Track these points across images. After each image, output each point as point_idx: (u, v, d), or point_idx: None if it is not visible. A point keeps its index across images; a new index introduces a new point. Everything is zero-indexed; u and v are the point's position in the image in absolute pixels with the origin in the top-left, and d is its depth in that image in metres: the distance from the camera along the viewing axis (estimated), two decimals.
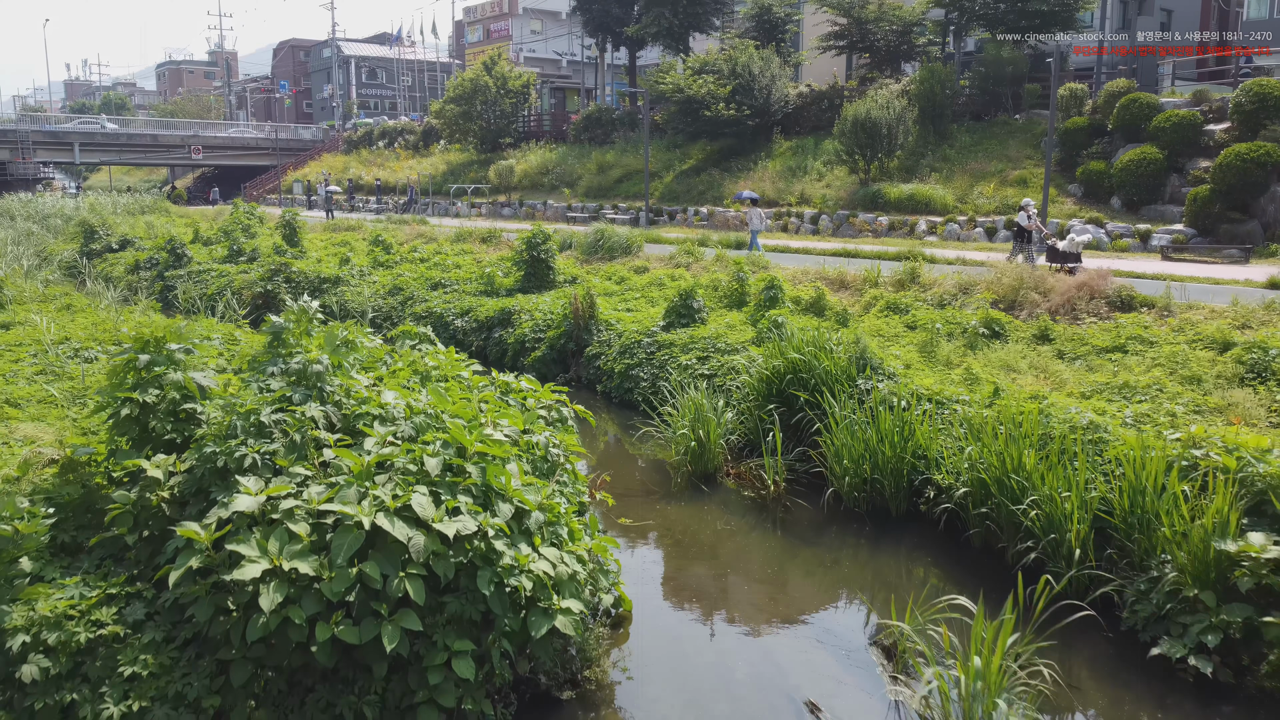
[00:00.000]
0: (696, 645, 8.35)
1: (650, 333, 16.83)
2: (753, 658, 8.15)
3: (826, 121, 35.85)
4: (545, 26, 76.77)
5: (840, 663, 8.01)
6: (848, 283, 19.55)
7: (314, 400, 7.12)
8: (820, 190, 31.52)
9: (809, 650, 8.27)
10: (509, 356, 19.22)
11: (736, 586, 9.71)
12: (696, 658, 8.13)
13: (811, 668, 7.96)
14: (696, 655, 8.17)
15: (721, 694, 7.57)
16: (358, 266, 26.69)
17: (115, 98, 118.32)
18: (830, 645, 8.33)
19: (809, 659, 8.12)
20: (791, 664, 8.04)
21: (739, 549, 10.51)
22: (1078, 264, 17.16)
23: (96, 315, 16.12)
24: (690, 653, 8.21)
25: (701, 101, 35.92)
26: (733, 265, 21.69)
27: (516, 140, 50.31)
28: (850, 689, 7.60)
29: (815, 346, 12.74)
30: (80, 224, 39.11)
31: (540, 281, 23.01)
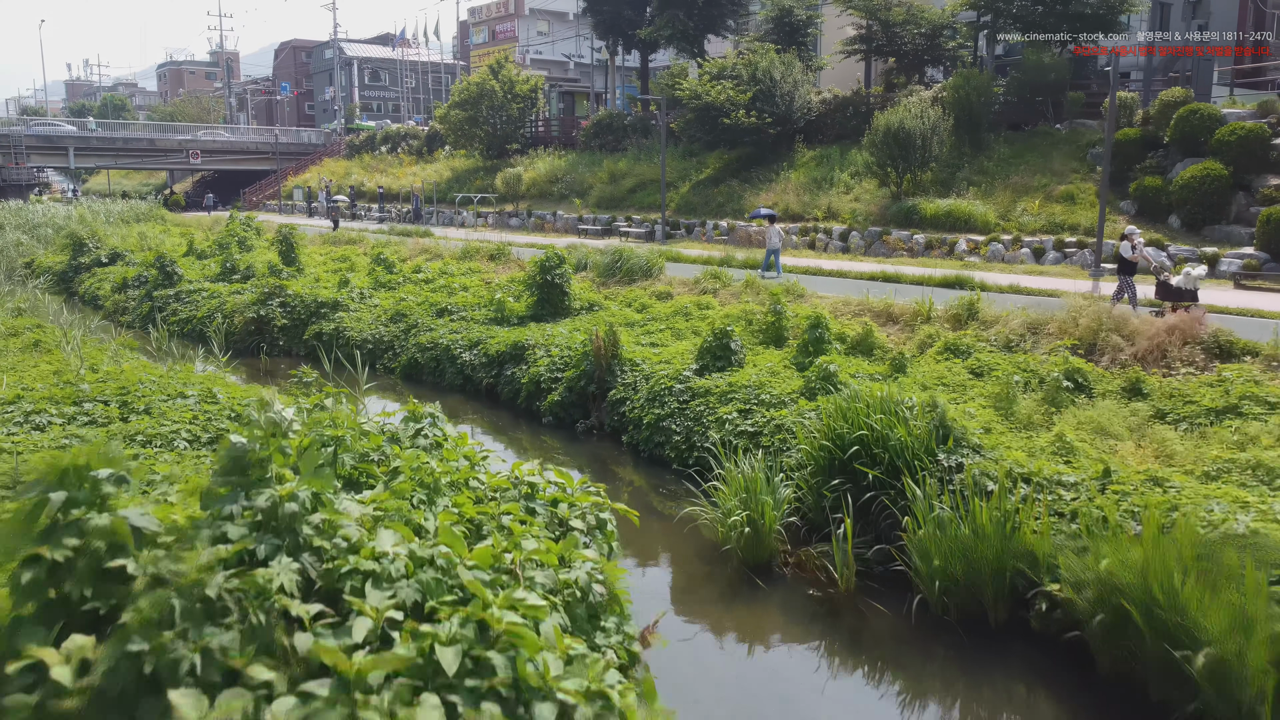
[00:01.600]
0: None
1: (682, 377, 15.04)
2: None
3: (852, 130, 34.06)
4: (552, 28, 74.98)
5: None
6: (895, 315, 17.75)
7: (285, 553, 5.33)
8: (848, 204, 29.72)
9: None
10: (523, 398, 17.45)
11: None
12: None
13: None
14: None
15: None
16: (358, 288, 24.93)
17: (115, 99, 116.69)
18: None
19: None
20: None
21: (810, 672, 8.71)
22: (1194, 303, 15.15)
23: (63, 359, 14.36)
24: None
25: (720, 108, 34.13)
26: (766, 294, 19.93)
27: (524, 146, 48.54)
28: None
29: (885, 413, 10.93)
30: (69, 236, 37.37)
31: (554, 308, 21.26)
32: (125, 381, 12.29)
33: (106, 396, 11.66)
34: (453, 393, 19.18)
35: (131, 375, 12.60)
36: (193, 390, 12.03)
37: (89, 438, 10.24)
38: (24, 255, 40.60)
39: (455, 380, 19.27)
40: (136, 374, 12.70)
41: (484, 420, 17.66)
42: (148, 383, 12.31)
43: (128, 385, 12.05)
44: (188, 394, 11.92)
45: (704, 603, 9.96)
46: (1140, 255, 16.54)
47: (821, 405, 12.77)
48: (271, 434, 5.89)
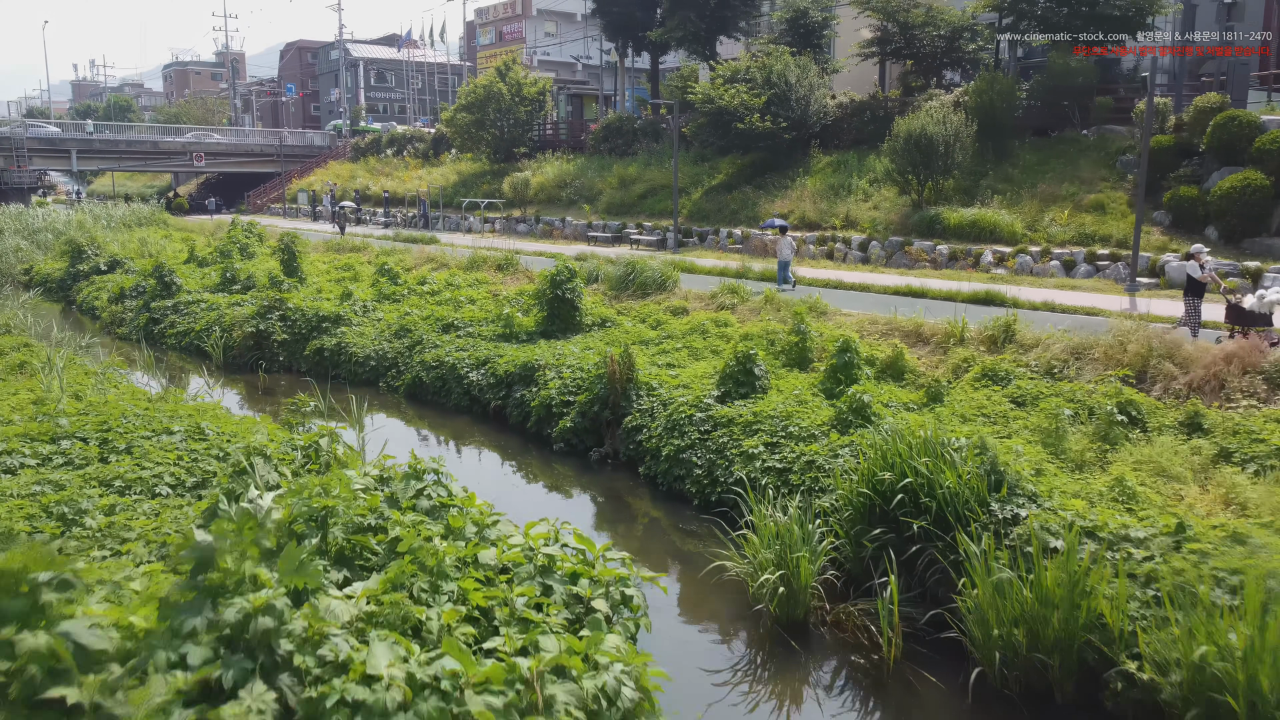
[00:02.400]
0: None
1: (703, 405, 14.12)
2: None
3: (869, 135, 33.10)
4: (560, 29, 74.10)
5: None
6: (926, 336, 16.81)
7: (260, 674, 4.44)
8: (867, 212, 28.77)
9: None
10: (532, 423, 16.55)
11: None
12: None
13: None
14: None
15: None
16: (361, 300, 24.06)
17: (120, 100, 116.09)
18: None
19: None
20: None
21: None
22: (1268, 328, 14.09)
23: (40, 387, 13.49)
24: None
25: (734, 113, 33.20)
26: (787, 311, 19.01)
27: (531, 150, 47.66)
28: None
29: (931, 455, 10.00)
30: (67, 243, 36.59)
31: (565, 323, 20.37)
32: (108, 414, 11.43)
33: (86, 433, 10.80)
34: (459, 414, 18.30)
35: (115, 408, 11.74)
36: (179, 425, 11.16)
37: (63, 482, 9.39)
38: (23, 261, 39.86)
39: (461, 401, 18.39)
40: (120, 406, 11.85)
41: (492, 444, 16.78)
42: (132, 416, 11.44)
43: (110, 420, 11.19)
44: (174, 429, 11.06)
45: (735, 671, 9.04)
46: (1209, 276, 15.50)
47: (858, 442, 11.87)
48: (245, 524, 4.99)
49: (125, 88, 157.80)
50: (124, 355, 24.85)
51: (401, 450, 15.04)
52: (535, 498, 14.13)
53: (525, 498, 14.08)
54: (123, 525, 8.45)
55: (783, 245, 23.18)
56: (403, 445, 16.54)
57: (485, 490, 14.22)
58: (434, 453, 16.27)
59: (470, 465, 15.76)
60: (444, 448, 16.59)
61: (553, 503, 13.91)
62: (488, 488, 14.34)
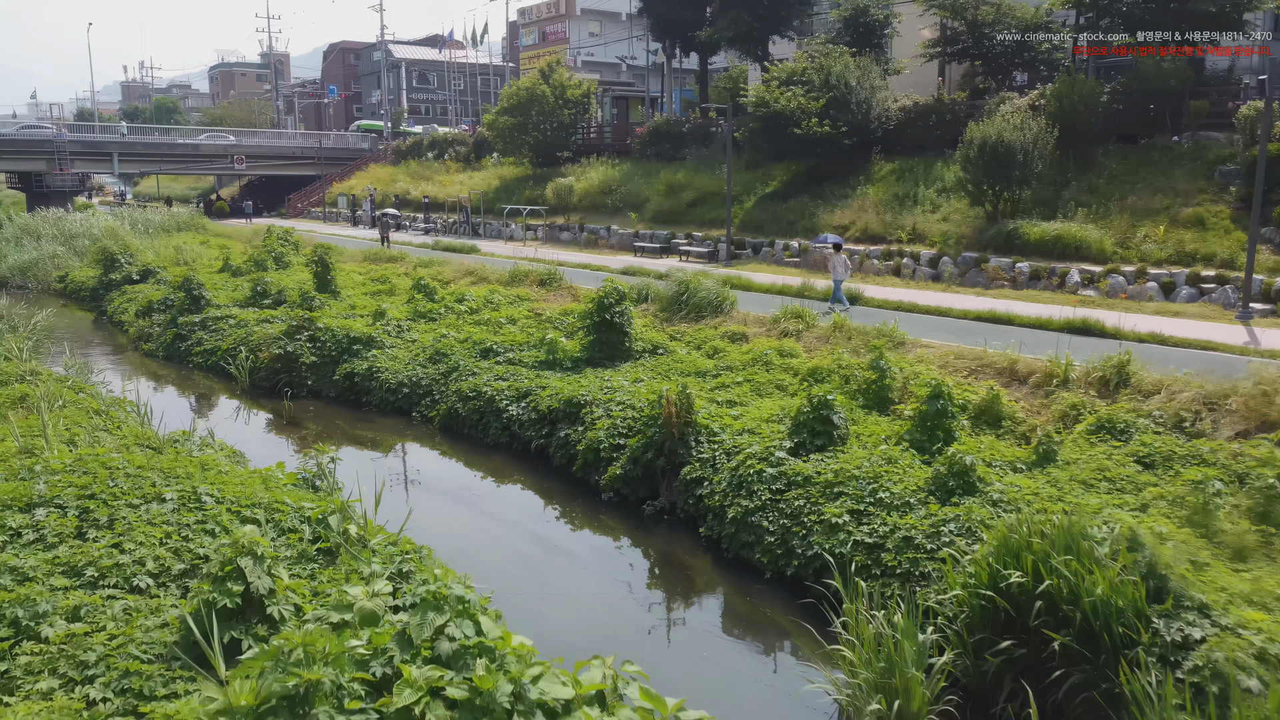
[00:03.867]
0: None
1: (774, 458, 12.34)
2: None
3: (935, 140, 31.04)
4: (605, 28, 72.51)
5: None
6: (1021, 373, 14.87)
7: None
8: (936, 225, 26.74)
9: None
10: (579, 467, 14.87)
11: None
12: None
13: None
14: None
15: None
16: (394, 320, 22.58)
17: (166, 101, 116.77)
18: None
19: None
20: None
21: None
22: None
23: (35, 428, 12.04)
24: None
25: (789, 117, 31.29)
26: (859, 339, 17.17)
27: (575, 154, 46.05)
28: None
29: (1070, 550, 8.15)
30: (100, 251, 35.66)
31: (613, 350, 18.69)
32: (95, 472, 9.91)
33: (66, 499, 9.29)
34: (497, 452, 16.69)
35: (105, 463, 10.23)
36: (173, 490, 9.61)
37: (28, 570, 7.89)
38: (59, 268, 39.13)
39: (500, 437, 16.77)
40: (112, 461, 10.33)
41: (533, 489, 15.14)
42: (121, 476, 9.93)
43: (96, 480, 9.67)
44: (166, 495, 9.52)
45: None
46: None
47: (965, 517, 10.01)
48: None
49: (173, 89, 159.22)
50: (150, 374, 23.66)
51: (430, 507, 13.34)
52: (582, 563, 12.45)
53: (569, 565, 12.40)
54: (84, 638, 6.91)
55: (837, 263, 21.37)
56: (433, 490, 14.95)
57: (523, 551, 12.59)
58: (468, 500, 14.67)
59: (509, 517, 14.12)
60: (478, 497, 14.96)
61: (601, 570, 12.22)
62: (526, 550, 12.69)
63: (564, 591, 11.60)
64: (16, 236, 43.97)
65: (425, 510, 14.08)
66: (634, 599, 11.44)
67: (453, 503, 14.62)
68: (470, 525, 13.62)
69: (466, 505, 14.48)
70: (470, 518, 13.92)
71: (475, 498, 14.78)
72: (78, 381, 16.64)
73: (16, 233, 44.54)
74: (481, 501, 14.63)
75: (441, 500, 14.74)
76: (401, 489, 15.27)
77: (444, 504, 14.55)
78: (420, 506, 14.33)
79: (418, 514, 13.97)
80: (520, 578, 11.80)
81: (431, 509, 14.23)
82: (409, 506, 13.98)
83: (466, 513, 14.09)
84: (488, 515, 14.07)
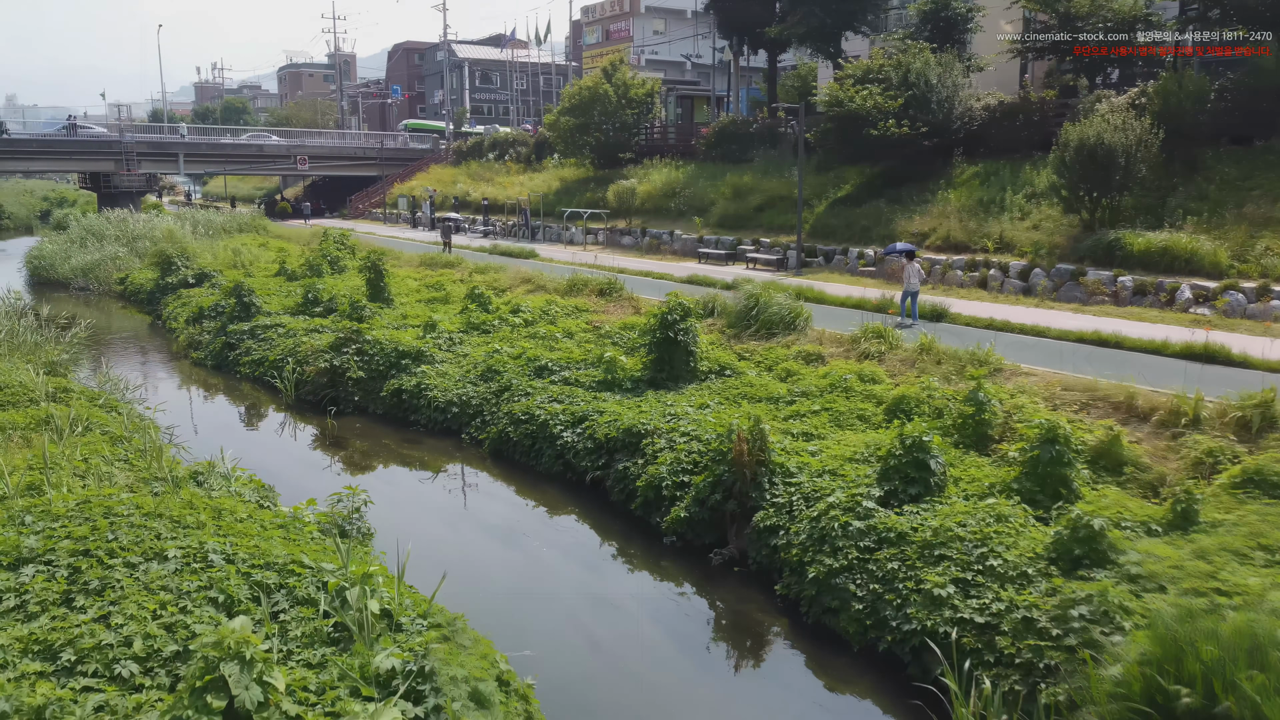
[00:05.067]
0: None
1: (861, 509, 10.79)
2: None
3: (1022, 142, 29.00)
4: (669, 26, 71.08)
5: None
6: (1139, 409, 13.09)
7: None
8: (1025, 234, 24.78)
9: None
10: (638, 504, 13.48)
11: None
12: None
13: None
14: None
15: None
16: (446, 332, 21.46)
17: (235, 102, 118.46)
18: None
19: None
20: None
21: None
22: None
23: (54, 453, 11.03)
24: None
25: (865, 117, 29.53)
26: (951, 363, 15.51)
27: (638, 156, 44.69)
28: None
29: (1251, 660, 6.51)
30: (157, 254, 35.33)
31: (676, 370, 17.28)
32: (96, 521, 8.80)
33: (57, 554, 8.18)
34: (550, 482, 15.38)
35: (109, 507, 9.11)
36: (177, 546, 8.44)
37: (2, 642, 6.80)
38: (120, 270, 39.00)
39: (554, 466, 15.45)
40: (118, 505, 9.22)
41: (587, 527, 13.81)
42: (124, 525, 8.80)
43: (95, 530, 8.56)
44: (169, 552, 8.36)
45: None
46: None
47: (1099, 599, 8.38)
48: None
49: (243, 90, 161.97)
50: (196, 384, 22.92)
51: (475, 548, 11.93)
52: (640, 622, 11.04)
53: (627, 625, 11.00)
54: None
55: (910, 274, 19.79)
56: (479, 526, 13.64)
57: (573, 608, 11.13)
58: (515, 540, 13.38)
59: (559, 563, 12.79)
60: (527, 537, 13.64)
61: (664, 632, 10.80)
62: (577, 606, 11.31)
63: (619, 658, 10.23)
64: (81, 237, 44.12)
65: (469, 553, 12.85)
66: (700, 669, 10.02)
67: (500, 543, 13.35)
68: (517, 572, 12.31)
69: (514, 546, 13.19)
70: (518, 563, 12.62)
71: (523, 537, 13.47)
72: (110, 399, 15.76)
73: (81, 234, 44.70)
74: (530, 541, 13.32)
75: (487, 540, 13.48)
76: (444, 524, 14.05)
77: (489, 545, 13.28)
78: (464, 547, 13.12)
79: (461, 555, 12.73)
80: (571, 641, 10.45)
81: (476, 551, 12.98)
82: (449, 551, 12.78)
83: (513, 557, 12.78)
84: (536, 560, 12.76)
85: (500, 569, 12.35)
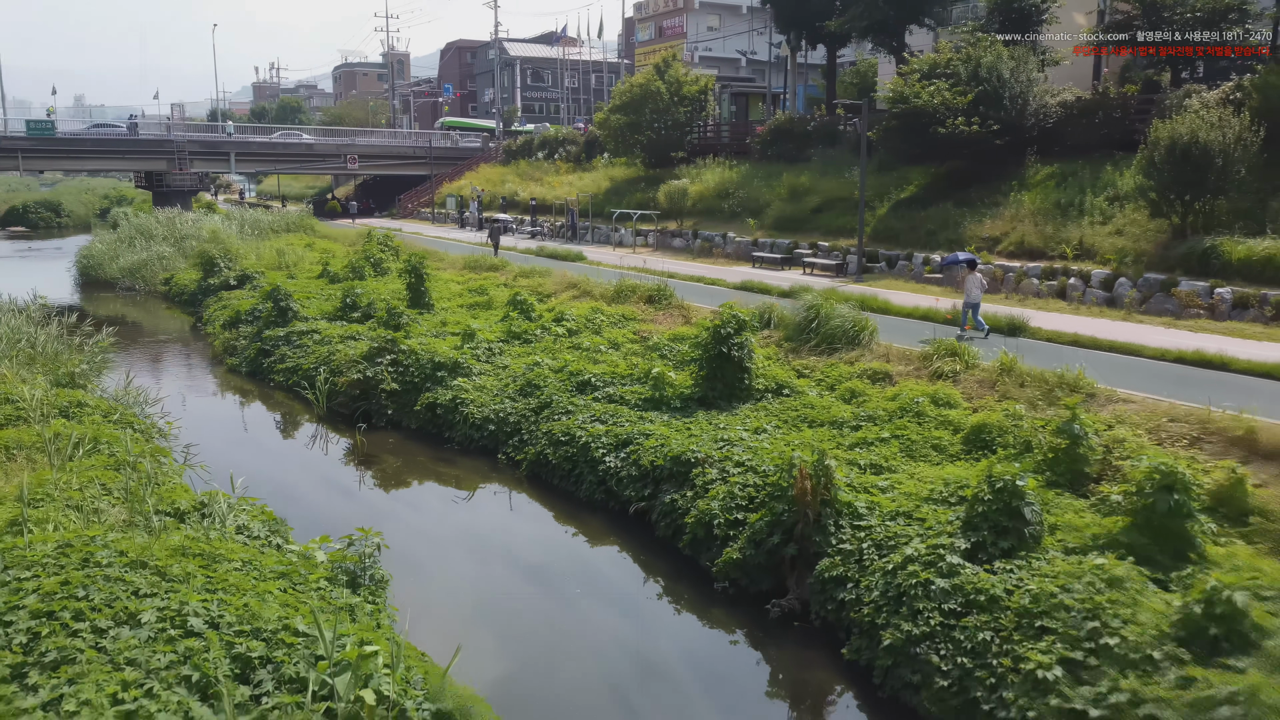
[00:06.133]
0: None
1: (945, 565, 9.35)
2: None
3: (1101, 140, 27.08)
4: (724, 22, 69.50)
5: None
6: (1260, 446, 11.44)
7: None
8: (1108, 239, 22.95)
9: None
10: (686, 543, 12.16)
11: None
12: None
13: None
14: None
15: None
16: (485, 342, 20.33)
17: (290, 101, 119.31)
18: None
19: None
20: None
21: None
22: None
23: (48, 487, 10.02)
24: None
25: (931, 114, 27.82)
26: (1035, 386, 13.93)
27: (690, 155, 43.29)
28: None
29: None
30: (199, 254, 34.83)
31: (730, 389, 15.92)
32: (70, 576, 7.71)
33: (19, 617, 7.11)
34: (590, 510, 14.14)
35: (89, 553, 8.05)
36: (152, 609, 7.32)
37: None
38: (166, 270, 38.66)
39: (595, 493, 14.20)
40: (100, 553, 8.15)
41: (630, 564, 12.56)
42: (100, 576, 7.72)
43: (65, 588, 7.48)
44: (143, 614, 7.25)
45: None
46: None
47: (1246, 698, 6.86)
48: None
49: (300, 89, 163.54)
50: (227, 393, 22.10)
51: (505, 589, 10.30)
52: (689, 687, 9.71)
53: (672, 693, 9.66)
54: None
55: (971, 284, 18.33)
56: (511, 563, 12.35)
57: (612, 666, 9.64)
58: (551, 580, 12.13)
59: (597, 610, 11.52)
60: (563, 577, 12.39)
61: (716, 701, 9.46)
62: (616, 663, 9.98)
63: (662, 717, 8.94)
64: (131, 237, 43.96)
65: (497, 598, 11.60)
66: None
67: (533, 584, 12.10)
68: (551, 623, 11.03)
69: (549, 590, 11.93)
70: (552, 612, 11.35)
71: (559, 579, 12.22)
72: (126, 413, 14.83)
73: (131, 233, 44.56)
74: (567, 582, 12.07)
75: (519, 581, 12.24)
76: (472, 559, 12.86)
77: (521, 587, 12.04)
78: (492, 591, 11.89)
79: (488, 602, 11.51)
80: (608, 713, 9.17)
81: (505, 595, 11.75)
82: (476, 595, 11.57)
83: (548, 606, 11.51)
84: (573, 609, 11.50)
85: (532, 619, 11.09)
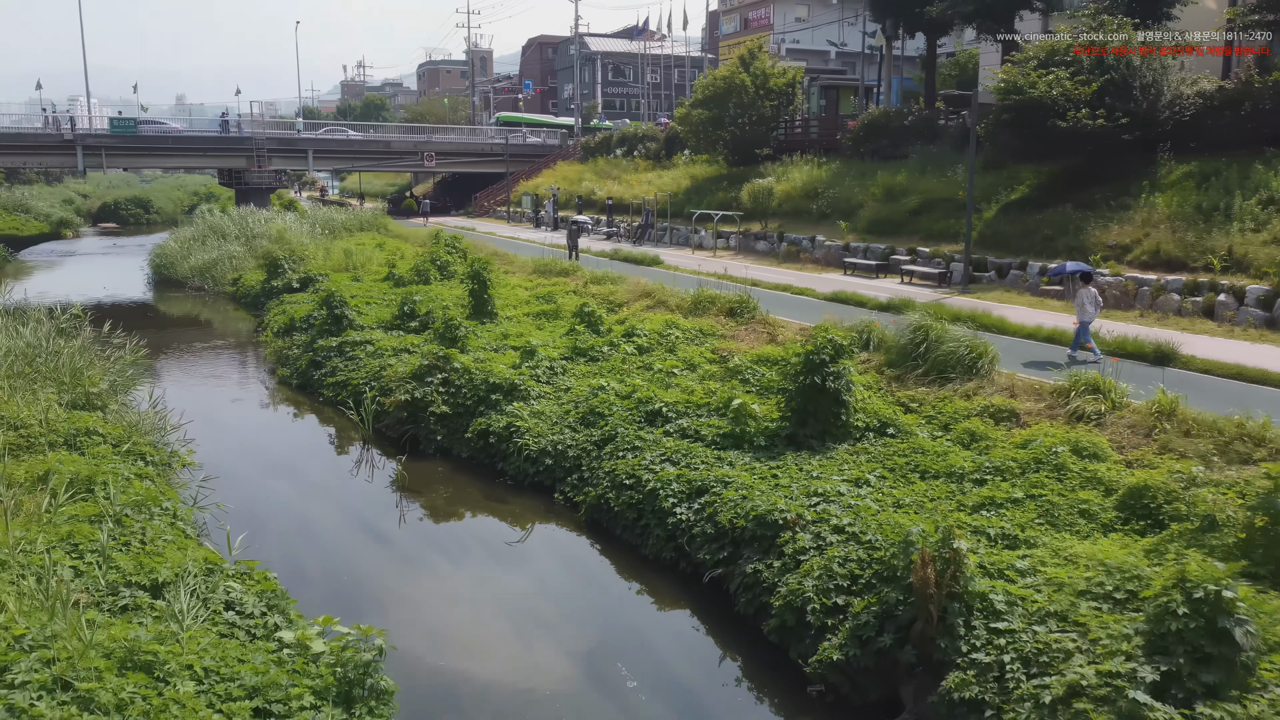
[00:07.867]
0: None
1: (1126, 706, 6.95)
2: None
3: (1248, 135, 23.81)
4: (813, 12, 66.56)
5: None
6: None
7: None
8: (1263, 249, 19.88)
9: None
10: (773, 628, 9.92)
11: None
12: None
13: None
14: None
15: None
16: (547, 359, 18.36)
17: (375, 99, 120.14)
18: None
19: None
20: None
21: None
22: None
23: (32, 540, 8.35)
24: None
25: (1050, 106, 24.88)
26: (1210, 438, 11.30)
27: (775, 152, 40.75)
28: None
29: None
30: (264, 255, 33.78)
31: (824, 425, 13.60)
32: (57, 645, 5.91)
33: None
34: (657, 570, 12.02)
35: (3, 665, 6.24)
36: None
37: None
38: (235, 269, 37.87)
39: (663, 550, 12.07)
40: (13, 665, 6.34)
41: (703, 643, 10.38)
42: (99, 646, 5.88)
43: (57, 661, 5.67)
44: None
45: None
46: None
47: None
48: None
49: (385, 87, 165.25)
50: (273, 407, 20.64)
51: (549, 669, 8.92)
52: None
53: None
54: None
55: (1083, 300, 15.61)
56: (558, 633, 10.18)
57: None
58: (603, 660, 10.00)
59: (659, 700, 9.36)
60: (619, 655, 10.25)
61: None
62: None
63: None
64: (204, 235, 43.48)
65: (539, 693, 9.49)
66: None
67: (584, 671, 10.00)
68: None
69: (602, 683, 9.81)
70: (602, 702, 9.25)
71: (617, 661, 10.11)
72: (140, 443, 13.21)
73: (205, 231, 44.09)
74: (626, 671, 9.93)
75: (568, 665, 10.14)
76: (514, 632, 10.79)
77: (570, 674, 9.95)
78: (535, 679, 9.77)
79: (528, 700, 9.48)
80: None
81: (550, 687, 9.64)
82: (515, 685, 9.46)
83: (602, 706, 9.40)
84: (629, 705, 9.37)
85: None
